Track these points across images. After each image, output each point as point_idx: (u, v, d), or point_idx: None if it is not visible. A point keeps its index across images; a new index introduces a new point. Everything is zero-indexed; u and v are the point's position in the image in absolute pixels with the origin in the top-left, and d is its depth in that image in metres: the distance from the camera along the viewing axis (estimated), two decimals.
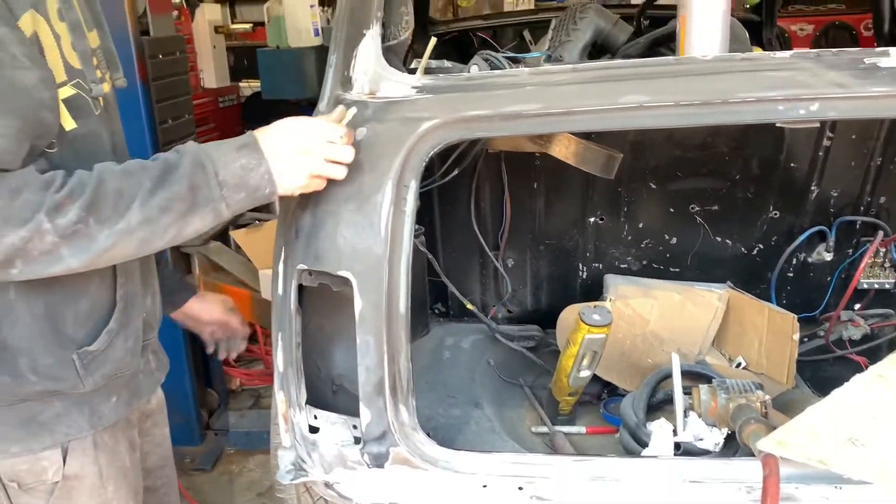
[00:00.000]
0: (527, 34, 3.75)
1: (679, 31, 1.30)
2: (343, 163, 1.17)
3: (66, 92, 1.04)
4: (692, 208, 1.83)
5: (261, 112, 5.62)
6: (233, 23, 6.17)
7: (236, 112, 5.52)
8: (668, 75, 1.18)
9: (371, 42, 1.37)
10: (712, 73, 1.18)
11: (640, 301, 1.73)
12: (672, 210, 1.84)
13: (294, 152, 1.12)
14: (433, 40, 1.49)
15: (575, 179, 1.77)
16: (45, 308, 1.07)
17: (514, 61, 1.61)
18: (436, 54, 1.48)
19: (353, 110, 1.27)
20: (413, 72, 1.46)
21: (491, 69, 1.49)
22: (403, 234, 1.24)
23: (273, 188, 1.10)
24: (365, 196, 1.25)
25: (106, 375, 1.15)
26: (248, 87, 5.74)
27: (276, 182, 1.09)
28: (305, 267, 1.29)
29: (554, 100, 1.21)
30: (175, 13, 4.67)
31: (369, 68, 1.36)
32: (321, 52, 5.10)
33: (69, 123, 1.05)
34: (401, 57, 1.47)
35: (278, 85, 5.04)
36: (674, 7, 3.54)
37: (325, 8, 5.34)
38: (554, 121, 1.23)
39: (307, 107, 5.48)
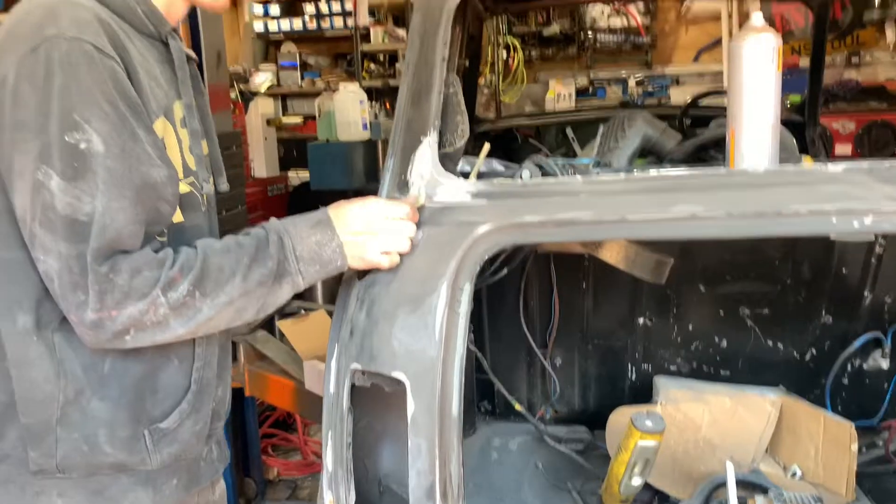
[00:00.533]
0: (569, 131, 3.84)
1: (729, 143, 1.33)
2: (407, 237, 1.27)
3: (183, 188, 1.18)
4: (742, 311, 1.82)
5: (308, 201, 5.77)
6: (284, 116, 6.42)
7: (284, 200, 5.69)
8: (721, 187, 1.21)
9: (428, 148, 1.43)
10: (765, 186, 1.20)
11: (692, 405, 1.70)
12: (722, 312, 1.84)
13: (363, 229, 1.23)
14: (486, 146, 1.55)
15: (623, 280, 1.78)
16: (131, 382, 1.15)
17: (561, 164, 1.66)
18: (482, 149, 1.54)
19: (424, 194, 1.34)
20: (466, 175, 1.52)
21: (542, 174, 1.54)
22: (457, 336, 1.25)
23: (344, 261, 1.21)
24: (420, 298, 1.27)
25: (172, 455, 1.20)
26: (297, 176, 5.94)
27: (346, 255, 1.21)
28: (359, 367, 1.31)
29: (607, 208, 1.24)
30: (230, 107, 4.91)
31: (426, 173, 1.41)
32: (368, 146, 5.29)
33: (178, 217, 1.17)
34: (456, 163, 1.53)
35: (327, 176, 5.21)
36: (715, 107, 3.61)
37: (373, 103, 5.56)
38: (607, 228, 1.25)
39: (353, 197, 5.63)
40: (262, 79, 6.24)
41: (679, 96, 6.55)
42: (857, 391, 1.91)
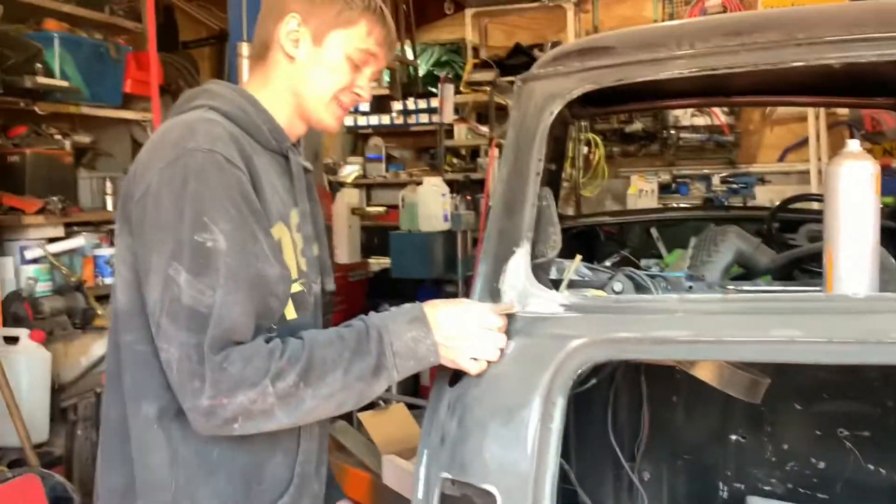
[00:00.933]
0: (654, 231, 3.82)
1: (826, 266, 1.32)
2: (498, 347, 1.30)
3: (295, 288, 1.28)
4: (841, 432, 1.75)
5: (387, 288, 5.93)
6: (368, 205, 6.64)
7: (364, 286, 5.83)
8: (820, 311, 1.20)
9: (521, 259, 1.47)
10: (866, 313, 1.18)
11: None
12: (819, 433, 1.77)
13: (457, 333, 1.28)
14: (578, 258, 1.58)
15: (716, 395, 1.74)
16: (238, 471, 1.21)
17: (653, 277, 1.66)
18: (564, 251, 1.57)
19: (515, 307, 1.37)
20: (556, 281, 1.54)
21: (634, 286, 1.55)
22: (550, 452, 1.25)
23: (436, 359, 1.26)
24: (512, 410, 1.29)
25: None
26: (377, 263, 6.09)
27: (439, 354, 1.26)
28: (449, 476, 1.32)
29: (704, 328, 1.24)
30: (327, 202, 5.13)
31: (518, 283, 1.45)
32: (448, 237, 5.41)
33: (291, 314, 1.27)
34: (548, 273, 1.56)
35: (407, 264, 5.34)
36: (803, 211, 3.55)
37: (454, 195, 5.70)
38: (703, 348, 1.25)
39: (430, 286, 5.72)
40: (350, 170, 6.50)
41: (765, 195, 6.46)
42: None
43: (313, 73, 1.31)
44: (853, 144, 1.33)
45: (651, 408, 1.80)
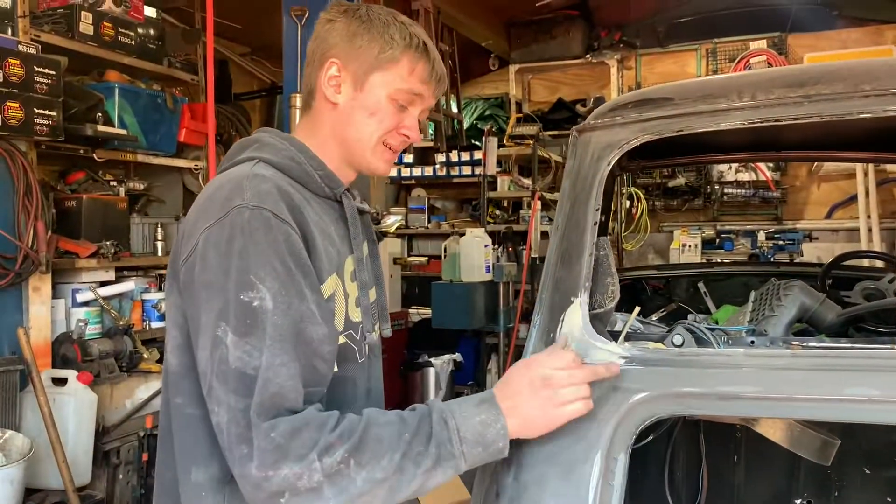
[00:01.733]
0: (702, 286, 3.76)
1: None
2: (587, 391, 1.20)
3: (340, 341, 1.22)
4: None
5: (428, 338, 5.91)
6: (409, 255, 6.67)
7: (404, 336, 5.81)
8: None
9: (579, 309, 1.44)
10: None
11: None
12: (889, 500, 1.68)
13: (533, 395, 1.17)
14: (637, 310, 1.54)
15: (780, 456, 1.67)
16: None
17: (713, 330, 1.62)
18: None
19: (575, 340, 1.34)
20: (613, 334, 1.51)
21: (695, 339, 1.51)
22: None
23: (505, 446, 1.15)
24: (572, 466, 1.25)
25: None
26: (417, 313, 6.08)
27: (512, 433, 1.15)
28: None
29: (773, 384, 1.20)
30: None
31: (576, 333, 1.42)
32: (490, 287, 5.39)
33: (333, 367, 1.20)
34: (605, 324, 1.53)
35: (448, 314, 5.32)
36: (857, 268, 3.45)
37: (496, 247, 5.70)
38: (772, 406, 1.20)
39: (471, 337, 5.67)
40: (393, 220, 6.54)
41: (812, 252, 6.36)
42: None
43: (356, 118, 1.27)
44: None
45: (710, 466, 1.73)
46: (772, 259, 6.36)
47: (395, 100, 1.27)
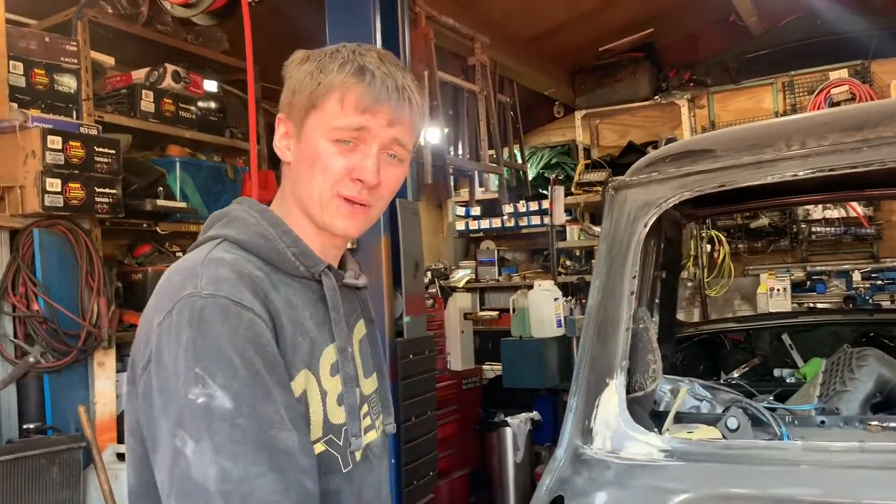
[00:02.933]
0: (786, 338, 3.47)
1: None
2: None
3: (317, 449, 1.05)
4: None
5: (500, 396, 5.72)
6: (481, 309, 6.53)
7: (477, 393, 5.63)
8: None
9: (615, 393, 1.29)
10: None
11: None
12: None
13: None
14: (684, 390, 1.37)
15: None
16: None
17: (774, 410, 1.42)
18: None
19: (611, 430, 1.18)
20: (658, 418, 1.34)
21: (750, 421, 1.33)
22: None
23: None
24: None
25: None
26: (491, 370, 5.90)
27: None
28: None
29: (837, 486, 1.01)
30: (430, 302, 5.07)
31: (612, 422, 1.26)
32: (562, 342, 5.17)
33: None
34: (647, 409, 1.36)
35: (519, 373, 5.12)
36: None
37: (569, 298, 5.50)
38: None
39: (546, 395, 5.46)
40: (462, 274, 6.46)
41: None
42: None
43: (301, 173, 1.10)
44: None
45: None
46: (870, 300, 5.90)
47: (334, 140, 1.08)
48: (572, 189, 6.08)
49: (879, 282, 5.96)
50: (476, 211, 6.58)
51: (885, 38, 5.86)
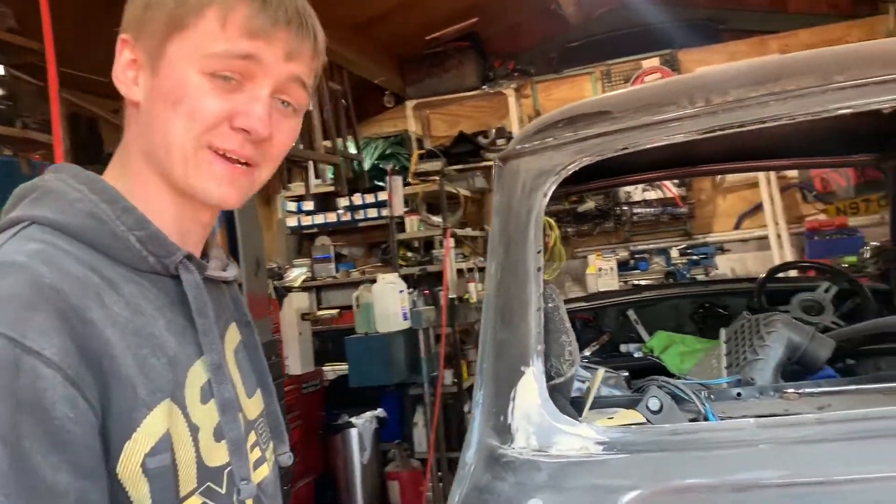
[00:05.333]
0: (631, 314, 3.55)
1: None
2: None
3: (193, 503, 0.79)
4: None
5: (343, 397, 5.49)
6: (319, 309, 6.25)
7: (319, 397, 5.37)
8: None
9: (533, 382, 1.14)
10: None
11: None
12: None
13: None
14: (601, 373, 1.25)
15: None
16: None
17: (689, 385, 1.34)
18: None
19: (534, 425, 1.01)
20: (574, 405, 1.21)
21: (674, 401, 1.23)
22: None
23: None
24: None
25: None
26: (332, 371, 5.65)
27: None
28: None
29: (803, 465, 0.92)
30: (271, 315, 4.73)
31: (534, 415, 1.11)
32: (409, 336, 5.04)
33: None
34: (567, 398, 1.22)
35: (366, 371, 4.91)
36: (788, 279, 3.30)
37: (412, 290, 5.37)
38: (805, 493, 0.92)
39: (394, 389, 5.31)
40: (297, 273, 6.14)
41: (726, 264, 6.34)
42: None
43: (158, 115, 0.81)
44: None
45: None
46: (687, 275, 6.31)
47: (209, 74, 0.79)
48: (409, 179, 5.95)
49: (694, 257, 6.40)
50: (309, 206, 6.28)
51: (689, 28, 6.27)
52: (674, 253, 6.46)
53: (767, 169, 4.82)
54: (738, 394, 1.27)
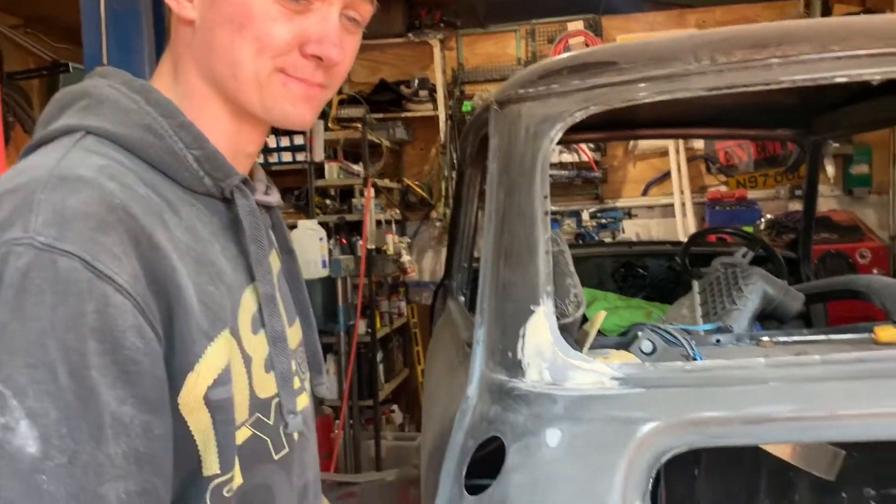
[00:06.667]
0: None
1: None
2: None
3: (240, 436, 0.77)
4: (867, 492, 1.58)
5: None
6: None
7: None
8: None
9: (544, 320, 1.17)
10: None
11: None
12: (844, 495, 1.58)
13: None
14: (603, 313, 1.30)
15: (741, 465, 1.52)
16: None
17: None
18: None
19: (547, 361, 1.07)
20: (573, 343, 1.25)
21: (665, 343, 1.29)
22: None
23: None
24: None
25: None
26: None
27: None
28: None
29: (811, 401, 1.00)
30: None
31: (546, 352, 1.14)
32: (327, 284, 5.01)
33: (237, 478, 0.76)
34: (573, 337, 1.26)
35: None
36: (708, 244, 3.49)
37: (331, 239, 5.32)
38: (812, 427, 1.00)
39: None
40: None
41: (632, 229, 6.61)
42: None
43: (220, 38, 0.76)
44: None
45: (669, 487, 1.54)
46: (595, 237, 6.53)
47: None
48: (329, 125, 5.83)
49: (603, 221, 6.63)
50: None
51: None
52: (584, 216, 6.66)
53: (700, 136, 5.05)
54: (718, 340, 1.36)
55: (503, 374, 1.18)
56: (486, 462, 1.11)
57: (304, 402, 0.90)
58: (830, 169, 6.03)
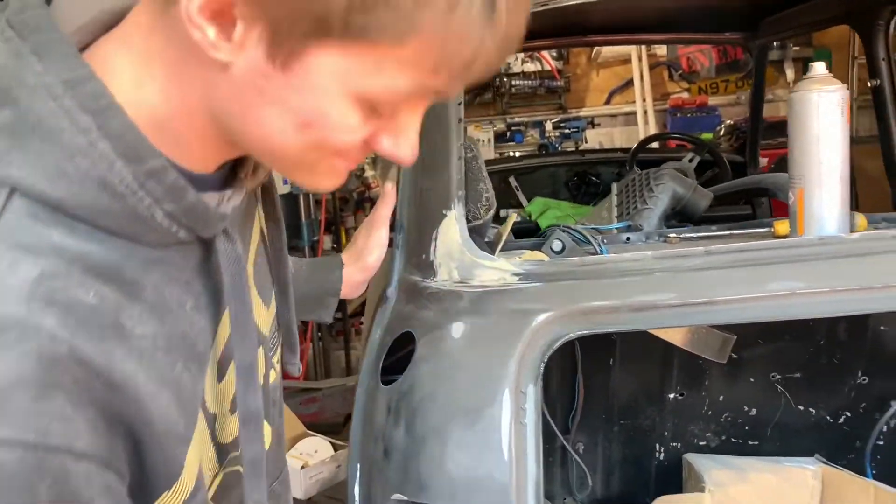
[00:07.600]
0: (513, 181, 3.72)
1: (797, 207, 1.20)
2: None
3: (213, 489, 0.70)
4: (773, 376, 1.69)
5: None
6: None
7: None
8: (820, 258, 1.06)
9: (455, 224, 1.23)
10: (866, 255, 1.06)
11: (739, 489, 1.54)
12: (752, 380, 1.70)
13: None
14: (513, 216, 1.36)
15: (654, 354, 1.61)
16: None
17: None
18: None
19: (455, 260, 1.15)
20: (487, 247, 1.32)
21: (575, 243, 1.36)
22: (528, 456, 1.04)
23: None
24: (478, 409, 1.06)
25: None
26: None
27: None
28: (403, 498, 1.07)
29: (691, 288, 1.07)
30: None
31: (455, 252, 1.20)
32: (290, 200, 5.02)
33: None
34: (483, 238, 1.32)
35: None
36: (656, 150, 3.55)
37: None
38: (692, 312, 1.08)
39: None
40: None
41: (595, 138, 6.62)
42: None
43: (270, 121, 0.57)
44: (820, 67, 1.20)
45: (586, 375, 1.64)
46: (559, 147, 6.56)
47: (359, 97, 0.55)
48: None
49: (567, 131, 6.63)
50: None
51: None
52: (548, 126, 6.66)
53: (650, 42, 5.01)
54: (627, 238, 1.43)
55: (418, 275, 1.24)
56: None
57: (272, 377, 0.81)
58: (790, 72, 6.04)
